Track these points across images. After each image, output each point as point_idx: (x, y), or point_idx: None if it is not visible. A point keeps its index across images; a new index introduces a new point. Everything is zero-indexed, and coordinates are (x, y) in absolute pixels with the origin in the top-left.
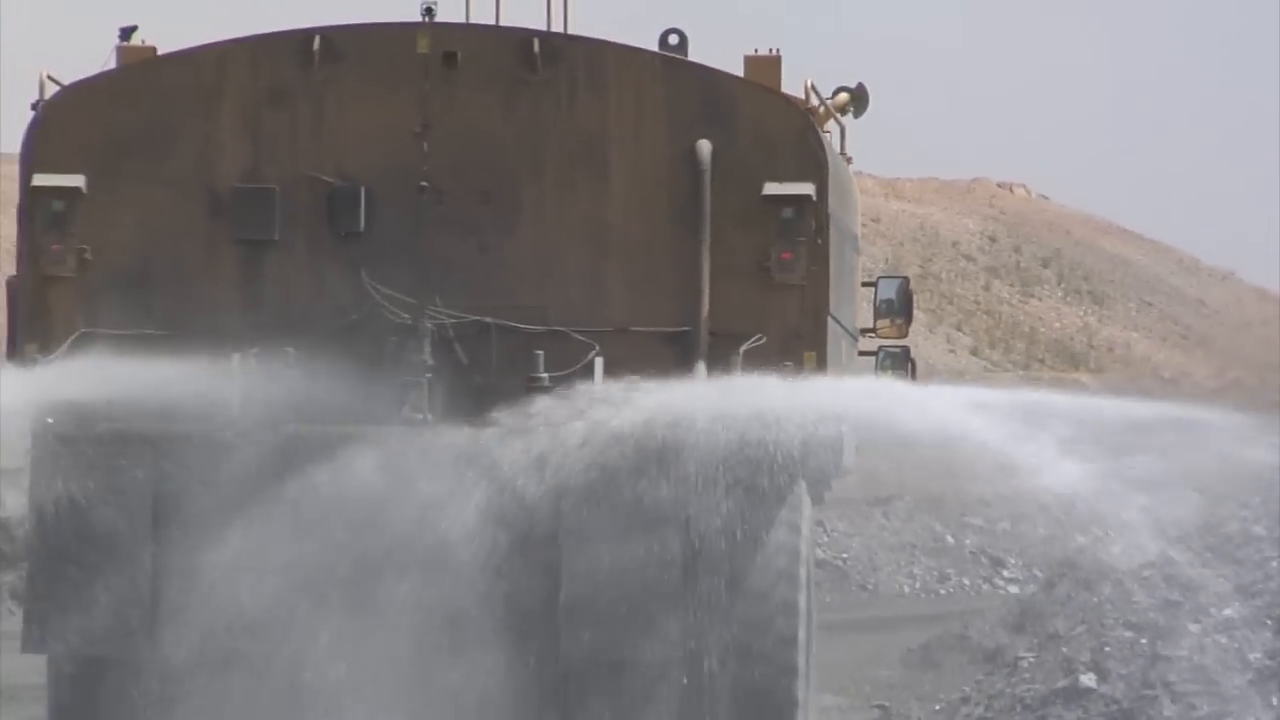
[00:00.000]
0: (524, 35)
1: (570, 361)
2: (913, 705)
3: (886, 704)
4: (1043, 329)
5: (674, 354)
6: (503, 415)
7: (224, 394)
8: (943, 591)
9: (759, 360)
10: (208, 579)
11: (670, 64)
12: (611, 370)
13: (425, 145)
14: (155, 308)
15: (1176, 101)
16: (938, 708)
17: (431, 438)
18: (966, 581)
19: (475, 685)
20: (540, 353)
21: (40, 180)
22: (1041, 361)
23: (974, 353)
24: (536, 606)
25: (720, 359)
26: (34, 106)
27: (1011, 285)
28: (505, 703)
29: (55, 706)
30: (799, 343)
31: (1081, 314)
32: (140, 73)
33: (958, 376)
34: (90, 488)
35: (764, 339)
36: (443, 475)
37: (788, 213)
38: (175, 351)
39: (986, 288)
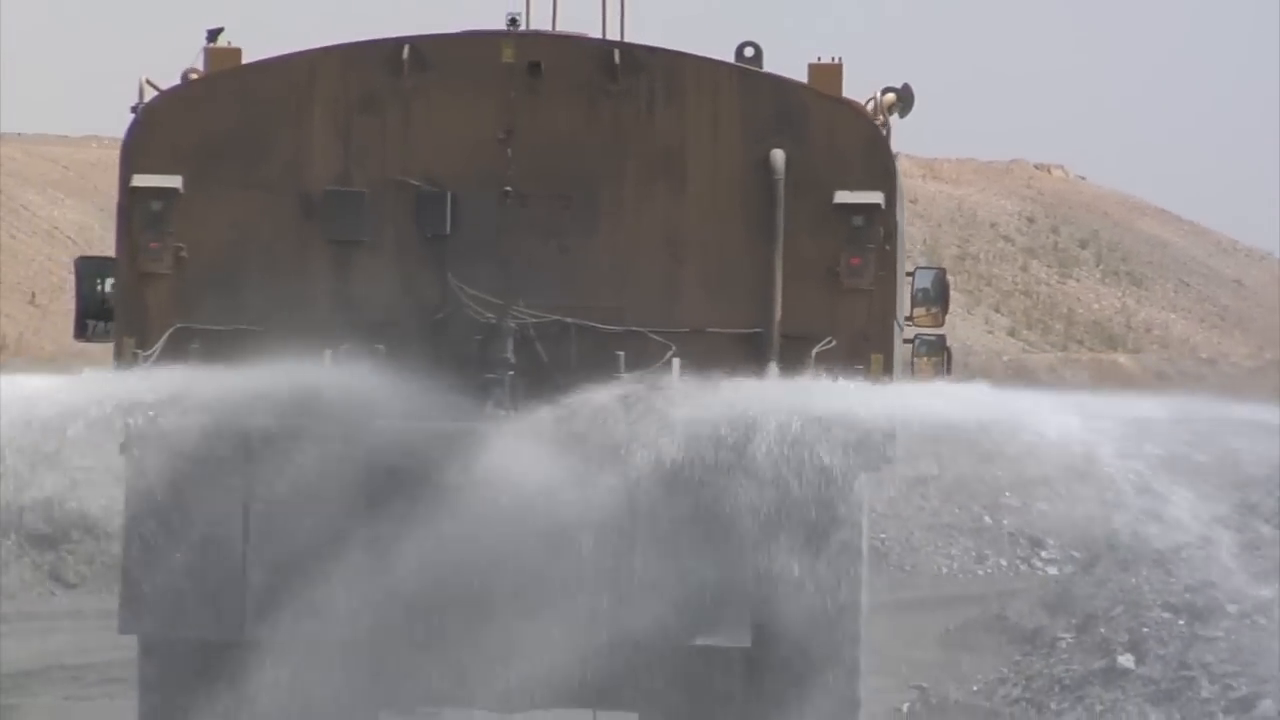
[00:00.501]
0: (605, 46)
1: (647, 361)
2: (950, 686)
3: (924, 685)
4: (1081, 310)
5: (746, 355)
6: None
7: (317, 389)
8: (981, 572)
9: (828, 361)
10: (301, 567)
11: (745, 75)
12: (687, 370)
13: (509, 151)
14: (248, 304)
15: (1215, 83)
16: (976, 688)
17: (518, 427)
18: (1004, 562)
19: (568, 659)
20: (621, 353)
21: (140, 181)
22: (1080, 342)
23: (1011, 334)
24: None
25: (791, 360)
26: (134, 109)
27: (1049, 266)
28: (579, 678)
29: (146, 685)
30: (866, 345)
31: (1119, 295)
32: (235, 79)
33: (995, 358)
34: (187, 478)
35: (834, 342)
36: (537, 463)
37: (858, 220)
38: (267, 347)
39: (1024, 269)
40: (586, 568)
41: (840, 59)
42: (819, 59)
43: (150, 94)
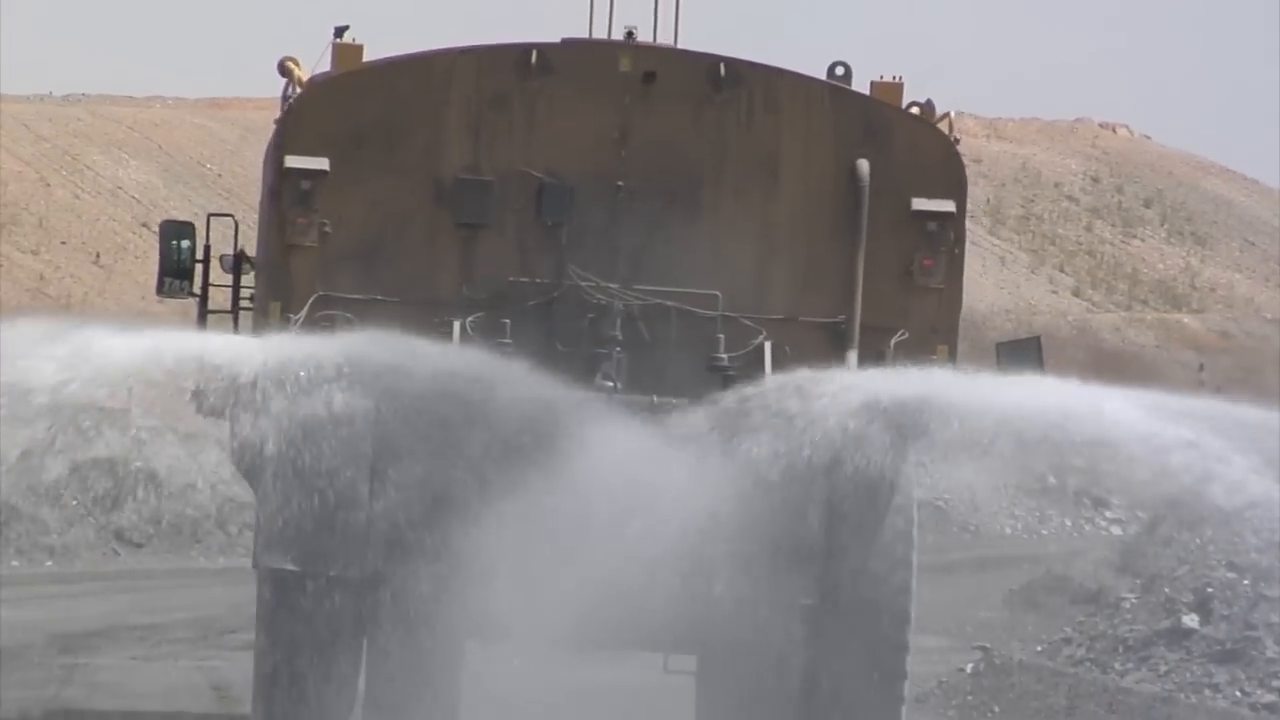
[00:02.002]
0: (712, 60)
1: (739, 344)
2: (1014, 646)
3: (988, 645)
4: (1145, 270)
5: (829, 342)
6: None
7: (448, 359)
8: (1044, 532)
9: (901, 351)
10: (418, 511)
11: (836, 91)
12: (776, 354)
13: (623, 151)
14: (383, 277)
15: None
16: (1039, 649)
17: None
18: (1068, 522)
19: (641, 605)
20: (721, 336)
21: (291, 162)
22: (1144, 302)
23: (1076, 293)
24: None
25: (868, 348)
26: (285, 97)
27: (1114, 226)
28: (651, 624)
29: (265, 620)
30: (935, 337)
31: (1184, 255)
32: (379, 74)
33: (1060, 318)
34: (318, 427)
35: (907, 334)
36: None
37: (932, 226)
38: (399, 316)
39: (1089, 228)
40: (669, 525)
41: (901, 78)
42: (881, 76)
43: (295, 74)
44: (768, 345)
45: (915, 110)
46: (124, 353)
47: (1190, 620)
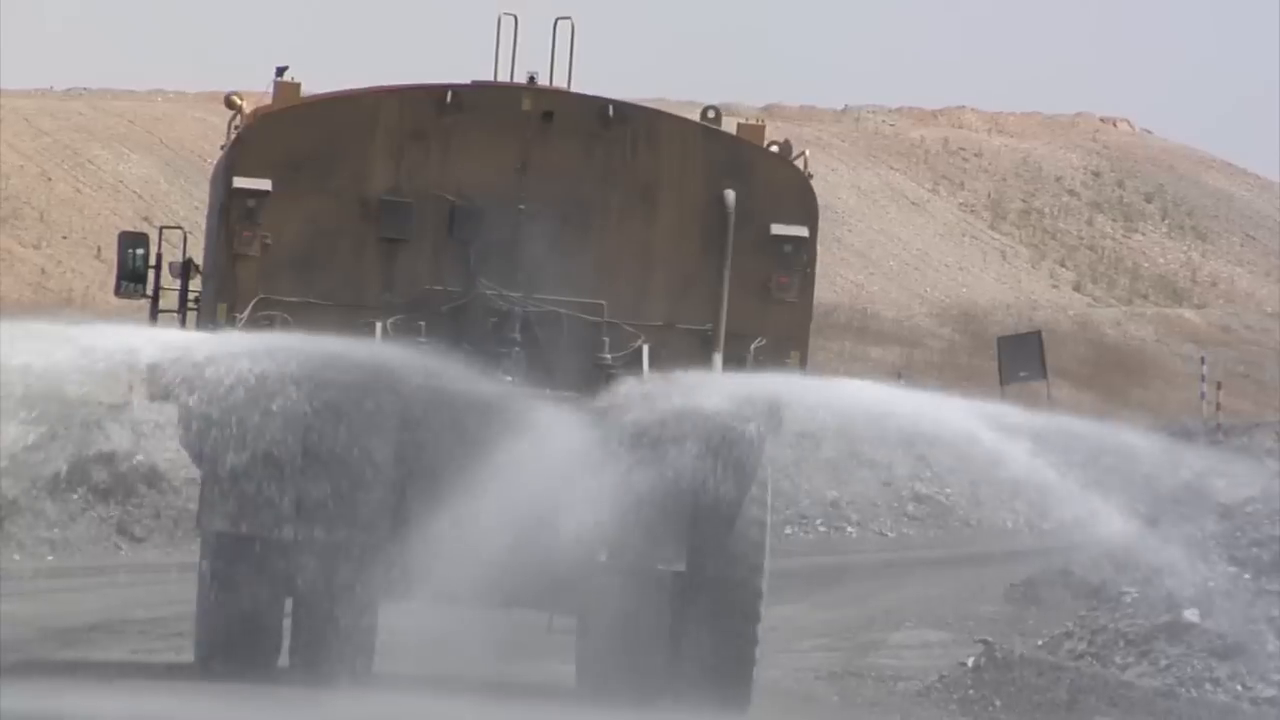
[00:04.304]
0: (602, 101)
1: (622, 347)
2: (1016, 640)
3: (989, 639)
4: (1146, 264)
5: (697, 346)
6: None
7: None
8: (1045, 527)
9: (759, 355)
10: (335, 485)
11: (708, 131)
12: (653, 356)
13: (524, 178)
14: (316, 283)
15: None
16: (1040, 643)
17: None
18: (1070, 516)
19: (534, 568)
20: (606, 339)
21: (239, 183)
22: (1145, 297)
23: (1077, 288)
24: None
25: (731, 352)
26: (235, 126)
27: (1115, 220)
28: (541, 585)
29: (204, 574)
30: (788, 344)
31: (1185, 249)
32: (316, 108)
33: (1060, 312)
34: (257, 410)
35: (764, 340)
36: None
37: (788, 248)
38: (330, 317)
39: (1090, 223)
40: (559, 495)
41: (763, 120)
42: (747, 119)
43: (240, 106)
44: (645, 348)
45: (775, 149)
46: (111, 343)
47: (1191, 614)
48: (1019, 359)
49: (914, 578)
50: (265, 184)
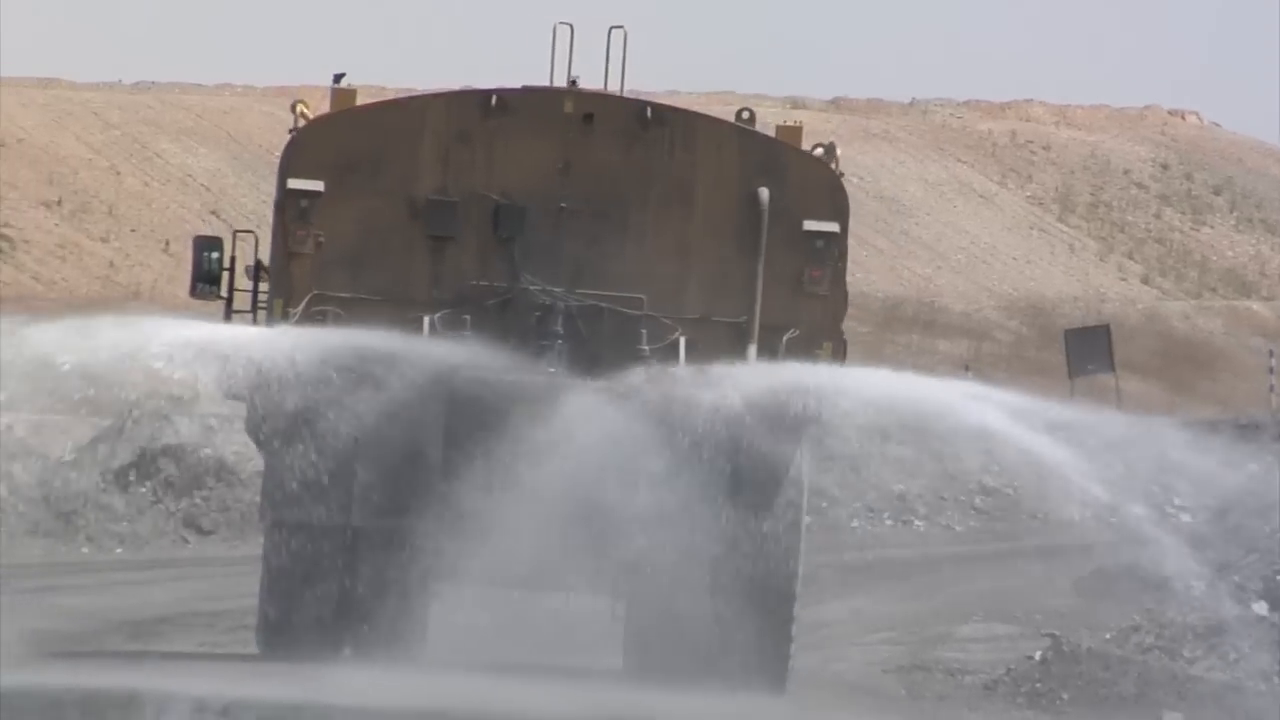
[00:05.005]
0: (640, 104)
1: (660, 339)
2: (1083, 634)
3: (1057, 632)
4: (1214, 257)
5: (732, 338)
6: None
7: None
8: (1113, 519)
9: (792, 347)
10: (391, 475)
11: (742, 131)
12: (689, 348)
13: (566, 178)
14: (367, 280)
15: None
16: (1108, 636)
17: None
18: (1137, 509)
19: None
20: (644, 331)
21: (293, 184)
22: (1213, 290)
23: (1145, 281)
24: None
25: (765, 344)
26: (291, 131)
27: (1183, 213)
28: (582, 572)
29: (267, 561)
30: (820, 335)
31: (1254, 242)
32: (366, 113)
33: (1129, 305)
34: (313, 411)
35: (797, 332)
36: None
37: (819, 243)
38: (379, 312)
39: (1158, 216)
40: (603, 489)
41: (801, 122)
42: (785, 122)
43: (302, 119)
44: (682, 340)
45: (820, 151)
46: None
47: (1259, 607)
48: (1087, 352)
49: (981, 571)
50: (318, 185)
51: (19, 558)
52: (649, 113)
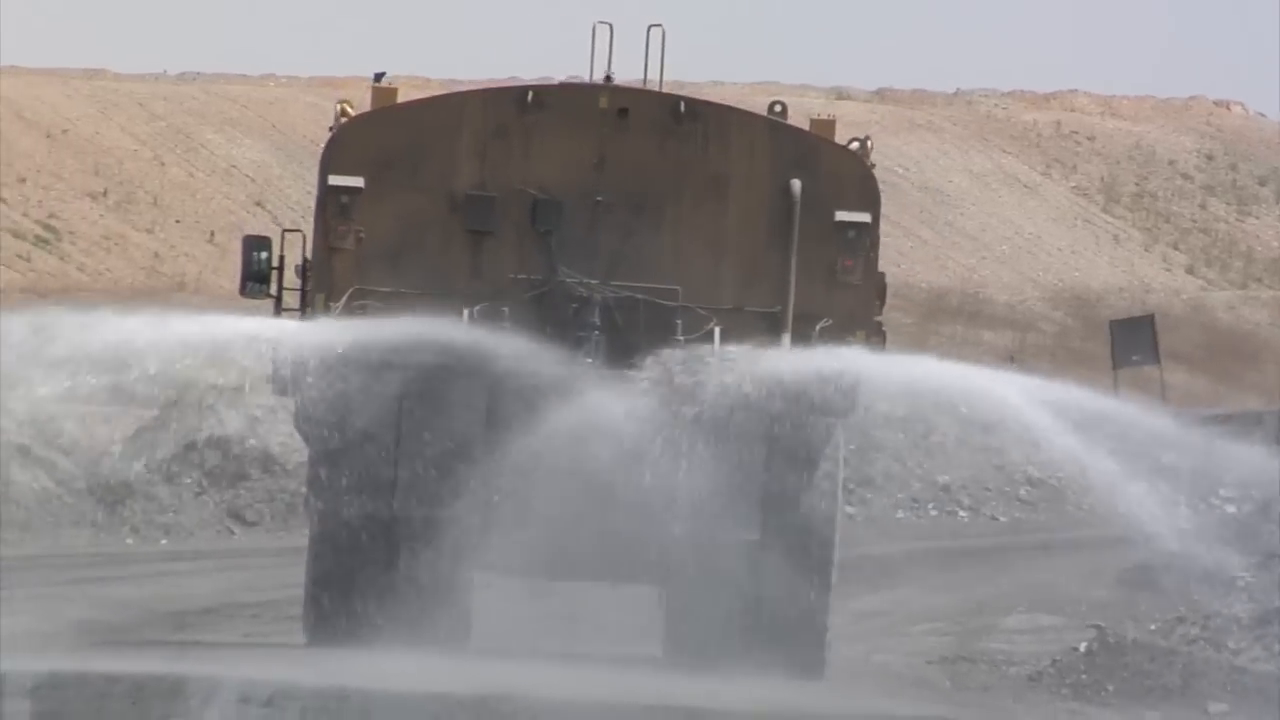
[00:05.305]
0: (674, 98)
1: (695, 329)
2: (1128, 625)
3: (1102, 624)
4: (1260, 248)
5: (766, 328)
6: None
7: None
8: (1158, 510)
9: (825, 335)
10: (433, 466)
11: (774, 125)
12: (724, 337)
13: (601, 172)
14: (407, 273)
15: None
16: (1153, 627)
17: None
18: (1181, 500)
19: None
20: (680, 322)
21: (334, 180)
22: (1259, 280)
23: (1190, 271)
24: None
25: (799, 333)
26: (331, 129)
27: (1228, 204)
28: (622, 558)
29: (313, 549)
30: (853, 324)
31: None
32: (406, 110)
33: (1174, 296)
34: (356, 402)
35: (830, 321)
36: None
37: (851, 233)
38: (419, 306)
39: (1203, 206)
40: (637, 474)
41: (834, 116)
42: (819, 115)
43: (343, 118)
44: (717, 330)
45: (855, 145)
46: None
47: None
48: (1132, 343)
49: (1026, 562)
50: (358, 181)
51: (65, 548)
52: (683, 107)
